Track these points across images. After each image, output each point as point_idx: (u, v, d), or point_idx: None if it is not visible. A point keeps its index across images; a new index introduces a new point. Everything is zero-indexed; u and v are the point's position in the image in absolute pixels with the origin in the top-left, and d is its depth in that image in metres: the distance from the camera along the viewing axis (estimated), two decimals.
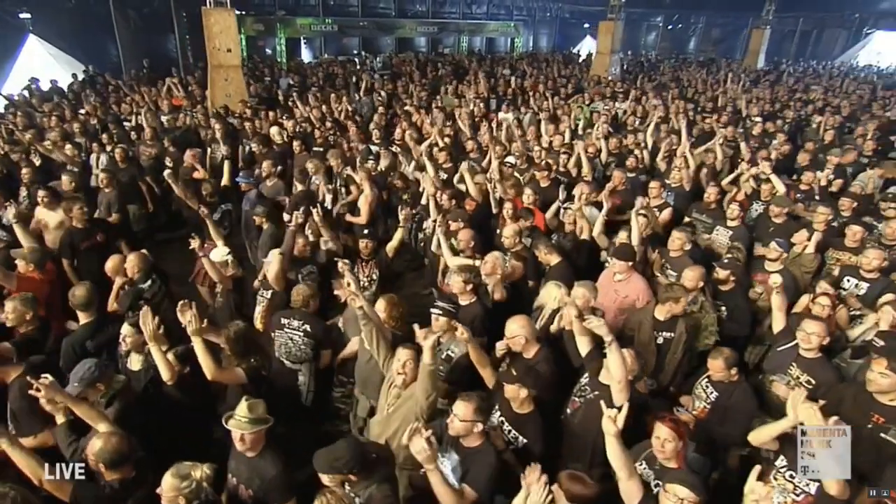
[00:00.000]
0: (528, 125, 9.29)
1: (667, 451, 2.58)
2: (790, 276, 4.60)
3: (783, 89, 14.85)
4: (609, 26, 15.78)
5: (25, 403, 2.88)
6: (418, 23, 21.42)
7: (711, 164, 7.12)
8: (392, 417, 2.99)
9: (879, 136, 8.85)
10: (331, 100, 10.28)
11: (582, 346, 3.25)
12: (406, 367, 2.93)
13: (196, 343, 2.99)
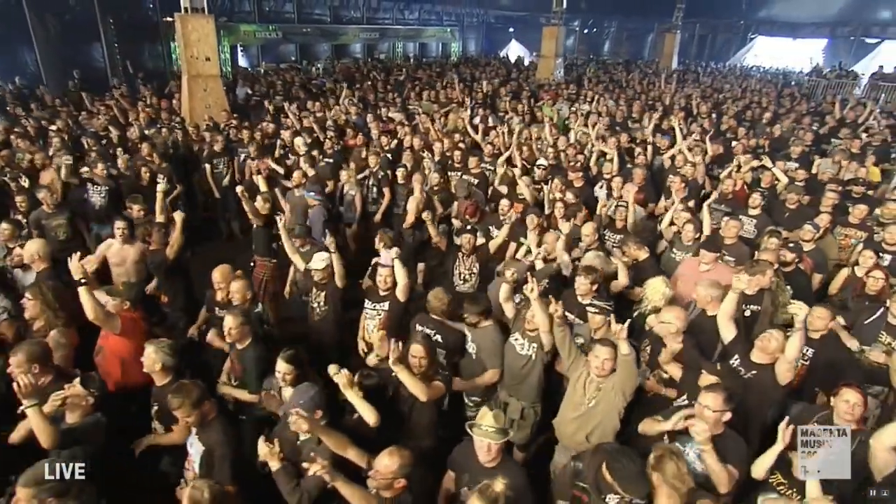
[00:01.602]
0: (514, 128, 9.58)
1: (856, 415, 2.87)
2: (822, 254, 5.19)
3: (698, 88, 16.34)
4: (553, 31, 16.50)
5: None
6: (360, 29, 21.09)
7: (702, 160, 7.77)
8: (594, 412, 3.08)
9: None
10: (315, 108, 9.95)
11: (728, 332, 3.51)
12: (605, 364, 3.03)
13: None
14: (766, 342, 3.21)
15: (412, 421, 3.13)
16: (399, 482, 2.40)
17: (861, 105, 12.35)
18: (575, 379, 3.22)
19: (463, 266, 4.73)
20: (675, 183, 6.31)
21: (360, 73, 16.52)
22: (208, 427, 2.76)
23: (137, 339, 3.37)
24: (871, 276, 4.40)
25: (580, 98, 13.28)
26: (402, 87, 14.14)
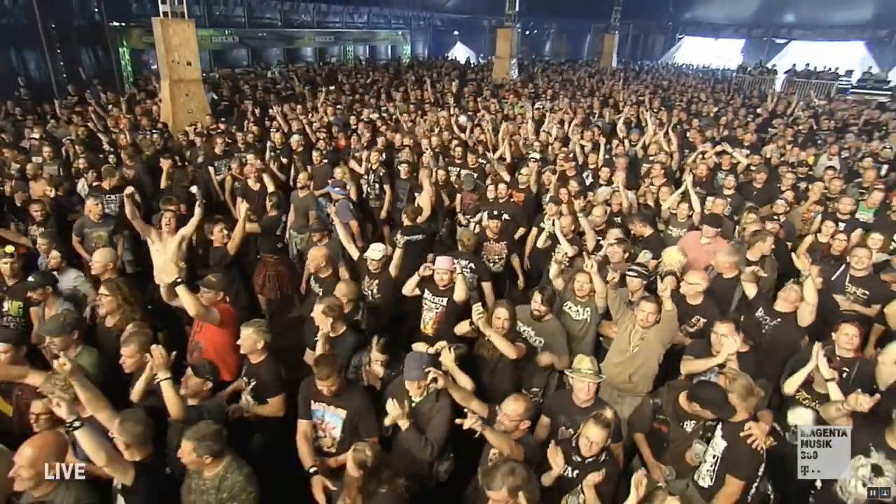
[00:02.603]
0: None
1: (854, 345, 3.51)
2: (790, 225, 5.99)
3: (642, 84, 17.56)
4: (507, 33, 17.17)
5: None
6: (315, 32, 20.96)
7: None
8: (637, 357, 3.59)
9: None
10: (298, 111, 10.03)
11: (751, 290, 4.12)
12: (650, 317, 3.54)
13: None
14: (788, 293, 3.85)
15: (494, 383, 3.50)
16: (524, 424, 2.78)
17: (785, 99, 13.84)
18: (622, 330, 3.71)
19: (492, 252, 5.12)
20: (655, 169, 7.01)
21: (321, 77, 16.53)
22: (347, 393, 3.04)
23: (233, 328, 3.55)
24: (836, 239, 5.17)
25: (540, 96, 14.01)
26: (368, 89, 14.34)
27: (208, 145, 7.72)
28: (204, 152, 7.72)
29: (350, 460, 2.44)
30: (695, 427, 3.03)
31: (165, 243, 4.67)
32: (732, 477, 2.74)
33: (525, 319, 3.83)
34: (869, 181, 6.95)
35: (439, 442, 2.96)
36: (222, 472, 2.51)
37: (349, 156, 7.99)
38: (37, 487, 2.34)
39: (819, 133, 10.67)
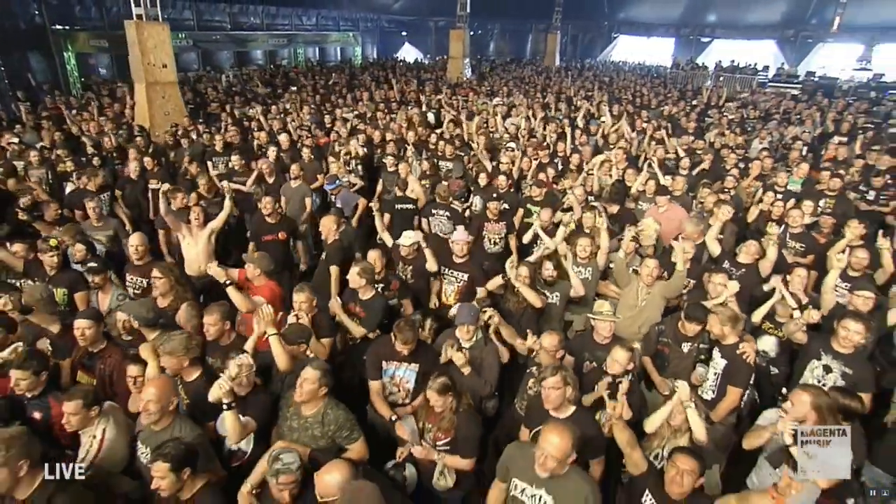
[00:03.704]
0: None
1: (805, 284, 4.32)
2: (739, 199, 6.91)
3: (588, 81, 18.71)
4: (459, 34, 17.80)
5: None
6: (268, 35, 20.81)
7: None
8: (644, 310, 4.26)
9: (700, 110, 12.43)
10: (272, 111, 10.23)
11: (716, 248, 4.90)
12: (654, 273, 4.23)
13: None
14: (748, 247, 4.68)
15: (521, 331, 4.06)
16: (559, 353, 3.37)
17: (716, 92, 15.27)
18: (629, 289, 4.38)
19: (493, 232, 5.69)
20: (619, 154, 7.81)
21: (279, 79, 16.59)
22: (421, 350, 3.50)
23: (279, 304, 3.93)
24: (776, 206, 6.09)
25: (496, 94, 14.74)
26: (331, 90, 14.61)
27: (198, 144, 7.87)
28: (191, 152, 7.89)
29: (436, 386, 2.93)
30: (690, 348, 3.72)
31: (196, 237, 4.95)
32: (733, 387, 3.45)
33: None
34: (794, 159, 8.05)
35: (493, 379, 3.50)
36: (323, 409, 2.93)
37: (329, 153, 8.36)
38: (159, 421, 2.69)
39: (748, 121, 11.97)
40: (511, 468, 2.67)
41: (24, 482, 2.30)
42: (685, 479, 2.43)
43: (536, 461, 2.44)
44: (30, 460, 2.28)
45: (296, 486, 2.43)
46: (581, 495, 2.47)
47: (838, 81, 19.23)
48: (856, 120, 11.65)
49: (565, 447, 2.39)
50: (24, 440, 2.33)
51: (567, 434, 2.41)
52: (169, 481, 2.37)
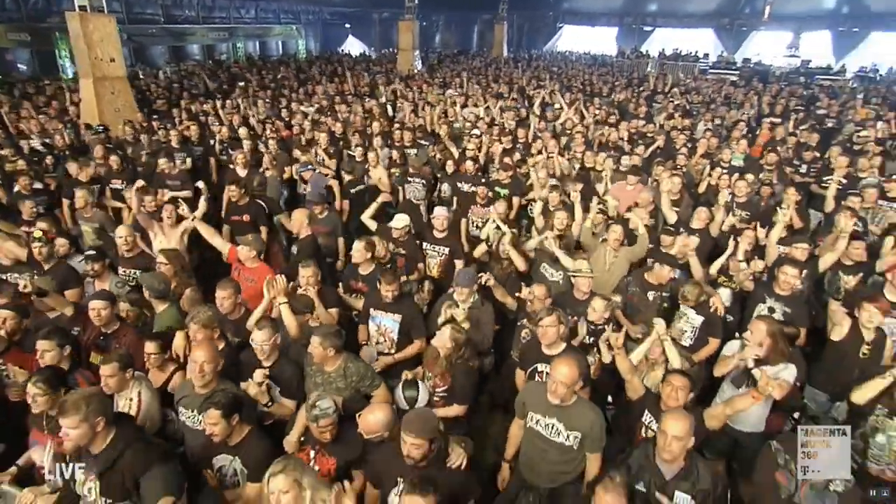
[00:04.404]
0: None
1: (754, 244, 5.08)
2: (690, 175, 7.75)
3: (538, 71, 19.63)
4: (409, 25, 18.24)
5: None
6: (207, 29, 20.50)
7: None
8: (612, 271, 4.89)
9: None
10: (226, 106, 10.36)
11: (672, 217, 5.62)
12: (621, 236, 4.86)
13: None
14: (699, 214, 5.41)
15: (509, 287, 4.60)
16: (548, 301, 3.97)
17: (661, 79, 16.47)
18: (597, 256, 4.99)
19: (478, 215, 6.20)
20: (577, 139, 8.54)
21: (224, 75, 16.52)
22: (401, 301, 4.01)
23: None
24: (722, 180, 6.93)
25: (448, 85, 15.30)
26: (279, 84, 14.75)
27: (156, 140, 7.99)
28: (148, 147, 8.00)
29: (448, 332, 3.42)
30: (654, 296, 4.38)
31: (169, 235, 5.19)
32: (713, 338, 4.15)
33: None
34: (735, 138, 9.01)
35: (489, 335, 4.04)
36: (343, 364, 3.37)
37: (296, 146, 8.66)
38: (209, 385, 3.06)
39: (692, 106, 13.09)
40: (527, 403, 3.17)
41: (100, 437, 2.61)
42: (679, 394, 3.02)
43: (549, 391, 2.94)
44: (105, 418, 2.61)
45: (335, 427, 2.86)
46: (587, 420, 2.99)
47: (772, 68, 21.04)
48: (788, 103, 12.97)
49: (573, 375, 2.90)
50: (100, 398, 2.64)
51: (574, 363, 2.94)
52: (221, 427, 2.74)
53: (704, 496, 2.68)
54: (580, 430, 2.97)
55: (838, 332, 3.97)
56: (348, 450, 2.91)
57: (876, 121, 10.45)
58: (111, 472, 2.56)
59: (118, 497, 2.56)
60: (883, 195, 6.40)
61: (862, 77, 19.22)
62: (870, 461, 3.24)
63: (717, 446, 3.75)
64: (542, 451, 3.09)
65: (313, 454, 2.91)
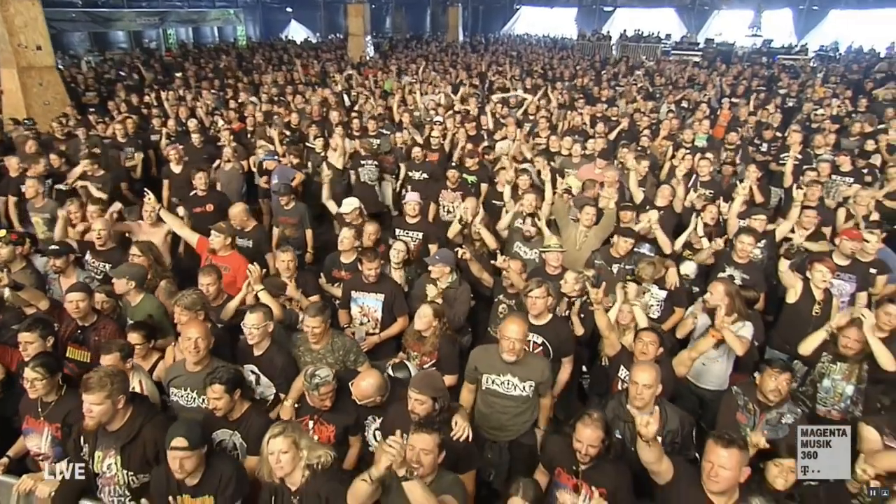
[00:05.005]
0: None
1: (716, 219, 5.75)
2: (654, 157, 8.46)
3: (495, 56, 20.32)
4: (358, 9, 18.58)
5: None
6: (136, 13, 20.20)
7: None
8: (584, 249, 5.45)
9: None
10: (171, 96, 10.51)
11: (638, 196, 6.24)
12: (592, 217, 5.43)
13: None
14: (662, 191, 6.06)
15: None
16: (524, 273, 4.48)
17: (623, 62, 17.44)
18: (568, 234, 5.54)
19: (448, 200, 6.67)
20: (542, 123, 9.15)
21: (158, 64, 16.47)
22: (382, 281, 4.46)
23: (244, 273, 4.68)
24: (685, 160, 7.62)
25: (403, 72, 15.76)
26: (221, 75, 14.85)
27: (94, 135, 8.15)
28: (89, 143, 8.13)
29: (428, 310, 3.88)
30: (619, 269, 4.96)
31: (151, 236, 5.42)
32: (679, 308, 4.75)
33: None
34: (698, 119, 9.82)
35: (464, 313, 4.53)
36: (330, 340, 3.80)
37: (246, 137, 8.94)
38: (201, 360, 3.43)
39: (655, 88, 13.98)
40: (479, 367, 3.67)
41: (119, 414, 2.95)
42: (650, 349, 3.59)
43: (503, 351, 3.45)
44: (125, 396, 2.94)
45: (333, 394, 3.28)
46: (538, 368, 3.57)
47: (734, 48, 22.40)
48: (750, 83, 14.03)
49: (523, 331, 3.46)
50: (122, 377, 2.99)
51: (522, 321, 3.51)
52: (224, 401, 3.10)
53: (673, 436, 3.24)
54: (533, 379, 3.54)
55: (793, 294, 4.64)
56: (345, 416, 3.34)
57: (832, 98, 11.53)
58: (132, 445, 2.92)
59: (139, 469, 2.91)
60: (836, 170, 7.27)
61: (822, 56, 20.70)
62: (818, 404, 3.91)
63: (686, 406, 4.34)
64: (500, 406, 3.63)
65: (312, 424, 3.32)
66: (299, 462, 2.75)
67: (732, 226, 5.59)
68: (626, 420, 3.24)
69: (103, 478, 3.01)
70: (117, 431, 2.96)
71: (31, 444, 3.35)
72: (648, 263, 4.71)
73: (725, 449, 2.55)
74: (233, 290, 4.55)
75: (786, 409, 3.41)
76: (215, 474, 2.84)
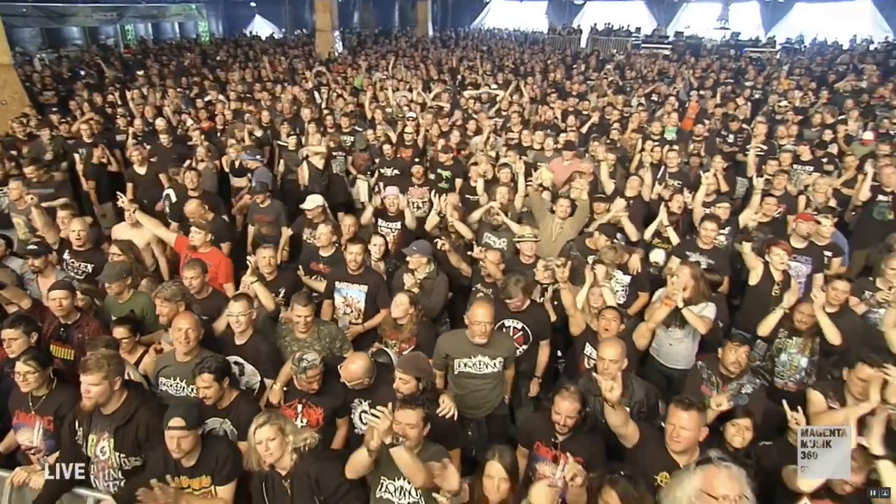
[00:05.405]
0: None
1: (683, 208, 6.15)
2: (623, 149, 8.86)
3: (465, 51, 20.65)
4: (325, 3, 18.64)
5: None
6: (92, 8, 19.90)
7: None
8: (559, 240, 5.77)
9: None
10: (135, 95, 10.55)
11: (609, 187, 6.60)
12: (567, 210, 5.74)
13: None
14: (631, 182, 6.43)
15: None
16: (502, 266, 4.78)
17: (595, 56, 17.95)
18: (545, 226, 5.85)
19: (416, 196, 6.92)
20: (514, 118, 9.49)
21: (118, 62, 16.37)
22: (369, 273, 4.73)
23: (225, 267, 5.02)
24: (655, 152, 8.05)
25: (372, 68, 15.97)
26: (185, 72, 14.87)
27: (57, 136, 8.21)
28: (54, 145, 8.20)
29: (405, 298, 4.14)
30: (594, 260, 5.29)
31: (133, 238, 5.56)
32: (643, 292, 5.11)
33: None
34: (667, 112, 10.27)
35: (441, 303, 4.82)
36: (315, 328, 4.04)
37: (216, 136, 9.08)
38: (193, 352, 3.63)
39: (626, 82, 14.47)
40: (450, 353, 3.96)
41: (115, 396, 3.15)
42: (612, 325, 3.94)
43: (474, 336, 3.75)
44: (121, 378, 3.14)
45: (321, 378, 3.52)
46: (505, 345, 3.96)
47: (703, 41, 23.15)
48: (718, 76, 14.62)
49: (492, 314, 3.77)
50: (118, 360, 3.20)
51: (490, 305, 3.82)
52: (214, 389, 3.31)
53: (640, 406, 3.58)
54: (502, 355, 3.92)
55: (754, 276, 5.04)
56: (333, 399, 3.59)
57: (795, 90, 12.14)
58: (126, 427, 3.12)
59: (131, 452, 3.11)
60: (797, 159, 7.76)
61: (788, 49, 21.54)
62: (776, 378, 4.30)
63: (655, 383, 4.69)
64: (475, 386, 3.95)
65: (300, 408, 3.56)
66: (287, 447, 2.97)
67: (698, 214, 5.98)
68: (596, 394, 3.55)
69: (97, 462, 3.20)
70: (112, 414, 3.16)
71: (21, 438, 3.50)
72: (610, 248, 5.04)
73: (685, 411, 2.88)
74: (214, 284, 4.79)
75: (745, 381, 3.78)
76: (211, 455, 3.06)
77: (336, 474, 2.95)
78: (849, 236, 6.35)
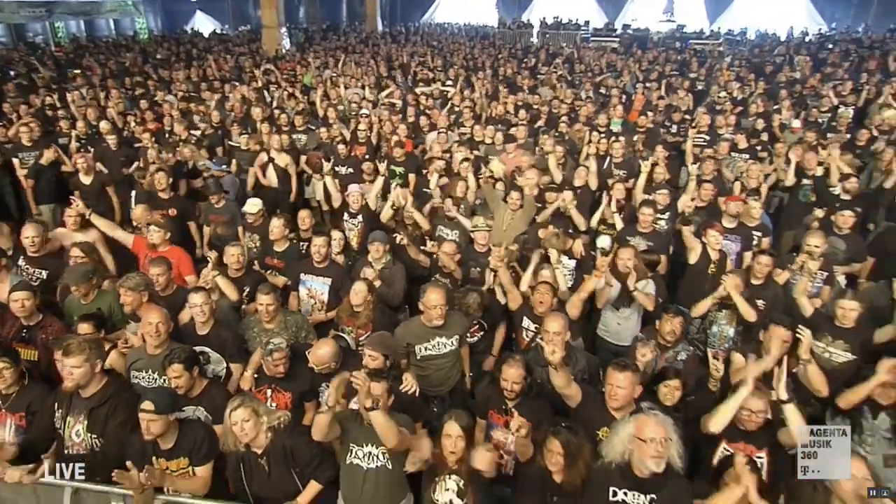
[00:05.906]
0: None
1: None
2: (572, 141, 9.40)
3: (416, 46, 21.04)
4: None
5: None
6: (17, 4, 19.31)
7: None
8: (510, 229, 6.20)
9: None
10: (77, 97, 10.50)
11: (557, 176, 7.08)
12: (518, 202, 6.16)
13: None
14: (578, 173, 6.97)
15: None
16: (457, 256, 5.17)
17: (545, 49, 18.59)
18: (500, 217, 6.26)
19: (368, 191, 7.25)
20: (466, 113, 9.93)
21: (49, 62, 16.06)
22: (333, 266, 5.07)
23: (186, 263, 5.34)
24: (601, 143, 8.58)
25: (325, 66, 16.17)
26: (127, 72, 14.76)
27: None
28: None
29: (363, 286, 4.49)
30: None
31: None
32: (588, 275, 5.48)
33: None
34: (613, 104, 10.88)
35: (401, 291, 5.18)
36: (282, 318, 4.38)
37: (164, 138, 9.18)
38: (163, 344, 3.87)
39: (575, 75, 15.12)
40: (410, 341, 4.33)
41: (96, 379, 3.40)
42: (545, 297, 4.41)
43: (431, 319, 4.16)
44: (101, 362, 3.38)
45: (287, 361, 3.83)
46: (458, 322, 4.40)
47: (649, 33, 24.17)
48: (663, 69, 15.42)
49: (444, 296, 4.18)
50: (98, 344, 3.46)
51: (441, 288, 4.26)
52: (184, 378, 3.58)
53: (582, 374, 4.06)
54: (457, 333, 4.38)
55: (693, 255, 5.59)
56: (300, 384, 3.91)
57: (734, 82, 12.98)
58: (100, 409, 3.38)
59: (101, 433, 3.38)
60: (735, 147, 8.43)
61: (730, 41, 22.70)
62: (709, 347, 4.84)
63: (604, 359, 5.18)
64: (436, 366, 4.37)
65: (270, 392, 3.87)
66: (261, 427, 3.29)
67: (639, 199, 6.52)
68: (543, 365, 3.98)
69: (71, 446, 3.45)
70: (90, 397, 3.42)
71: None
72: (554, 234, 5.46)
73: (621, 372, 3.35)
74: (177, 280, 5.07)
75: (681, 348, 4.32)
76: (188, 438, 3.36)
77: (309, 446, 3.30)
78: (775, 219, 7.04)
